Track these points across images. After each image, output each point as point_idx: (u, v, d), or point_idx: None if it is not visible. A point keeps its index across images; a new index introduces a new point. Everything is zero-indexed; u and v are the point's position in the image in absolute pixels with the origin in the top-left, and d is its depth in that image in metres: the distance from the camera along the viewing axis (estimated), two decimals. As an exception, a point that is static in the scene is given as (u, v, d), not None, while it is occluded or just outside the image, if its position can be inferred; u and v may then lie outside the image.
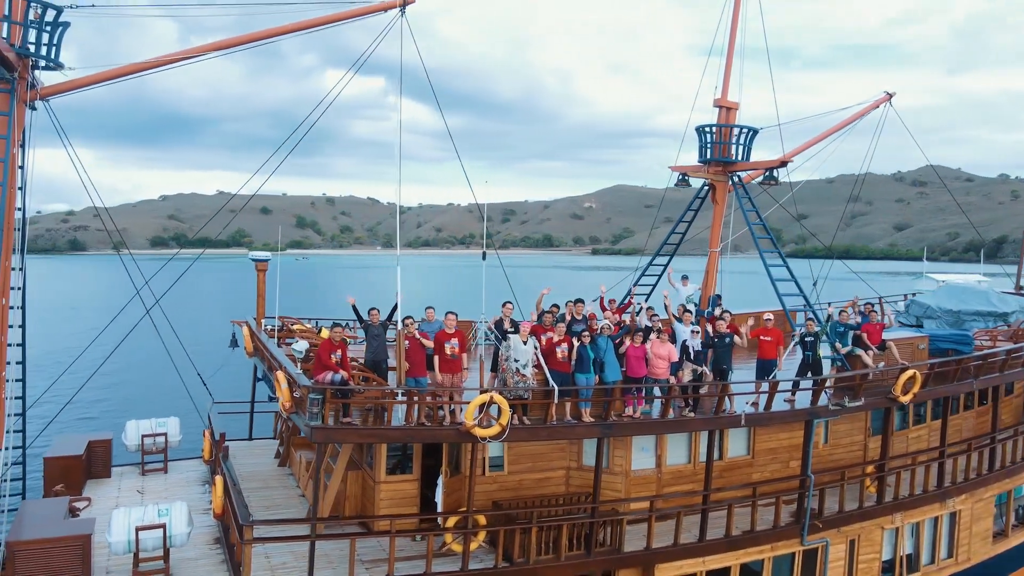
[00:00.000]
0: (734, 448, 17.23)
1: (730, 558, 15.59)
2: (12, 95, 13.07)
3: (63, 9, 13.34)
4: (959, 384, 18.87)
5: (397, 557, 13.15)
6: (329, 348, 12.53)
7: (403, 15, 16.10)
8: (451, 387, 13.08)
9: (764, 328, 16.31)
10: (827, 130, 21.71)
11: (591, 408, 14.30)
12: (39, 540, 11.63)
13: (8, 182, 13.08)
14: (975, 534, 19.49)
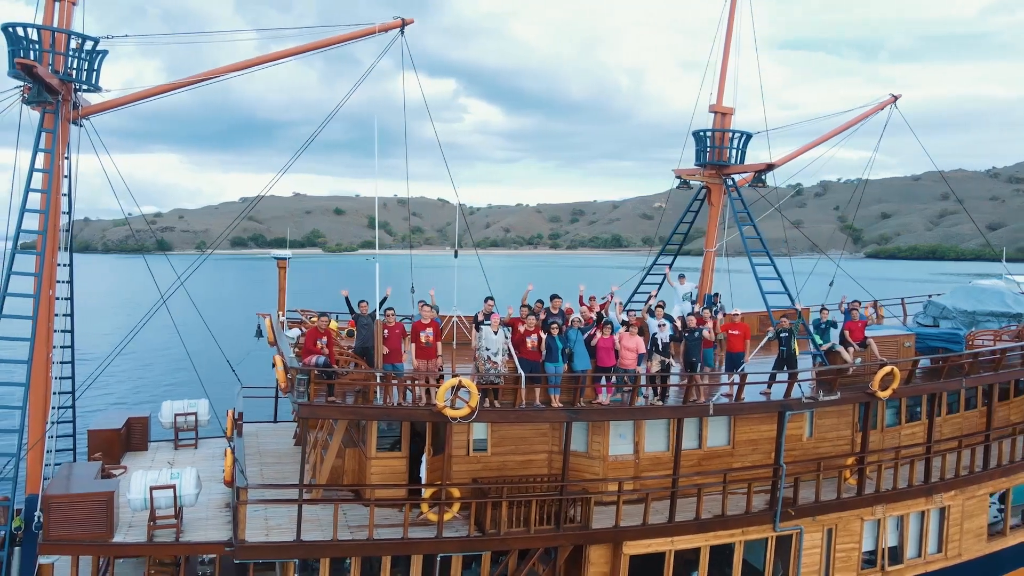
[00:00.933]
0: (714, 438, 18.08)
1: (699, 539, 16.53)
2: (56, 115, 15.18)
3: (99, 40, 15.40)
4: (946, 382, 19.25)
5: (382, 524, 14.72)
6: (315, 335, 14.18)
7: (403, 35, 17.65)
8: (426, 371, 14.54)
9: (732, 323, 17.18)
10: (825, 134, 22.23)
11: (561, 395, 15.53)
12: (70, 495, 13.65)
13: (53, 189, 15.19)
14: (967, 531, 19.75)
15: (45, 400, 15.61)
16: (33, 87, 14.45)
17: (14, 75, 14.51)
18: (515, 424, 16.48)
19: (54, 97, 14.88)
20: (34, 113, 15.26)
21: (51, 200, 15.08)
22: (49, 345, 15.77)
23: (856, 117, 22.88)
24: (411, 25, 17.60)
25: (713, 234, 22.29)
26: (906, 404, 20.20)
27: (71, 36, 15.05)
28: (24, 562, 15.36)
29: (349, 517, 15.38)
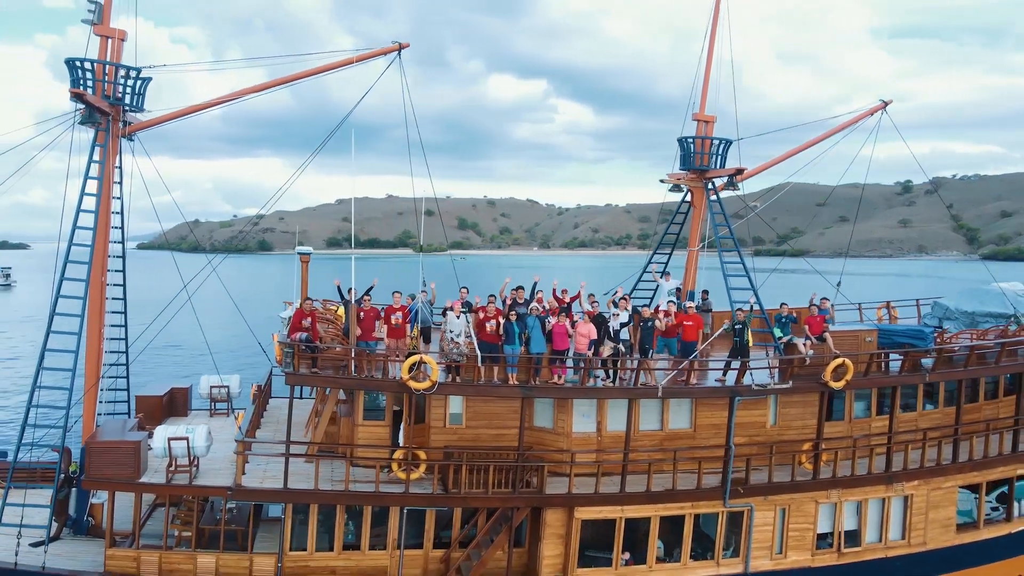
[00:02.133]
0: (676, 421, 19.67)
1: (649, 510, 18.23)
2: (107, 132, 18.43)
3: (141, 69, 18.56)
4: (905, 376, 20.18)
5: (362, 480, 17.23)
6: (301, 315, 16.81)
7: (399, 57, 20.15)
8: (396, 349, 16.95)
9: (685, 315, 18.79)
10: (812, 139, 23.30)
11: (518, 373, 17.61)
12: (106, 442, 16.76)
13: (103, 193, 18.43)
14: (932, 520, 20.55)
15: (96, 369, 18.92)
16: (86, 110, 17.71)
17: (73, 100, 17.79)
18: (489, 401, 18.63)
19: (104, 118, 18.10)
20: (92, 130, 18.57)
21: (101, 201, 18.28)
22: (101, 323, 19.06)
23: (845, 122, 23.82)
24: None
25: (696, 234, 23.79)
26: (877, 397, 21.15)
27: (118, 67, 18.24)
28: (79, 501, 18.70)
29: (338, 474, 17.94)
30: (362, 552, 17.62)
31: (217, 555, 17.11)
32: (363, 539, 17.65)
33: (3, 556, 16.51)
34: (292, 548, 17.34)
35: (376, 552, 17.64)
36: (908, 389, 21.46)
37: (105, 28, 18.16)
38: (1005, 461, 21.32)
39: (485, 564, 17.61)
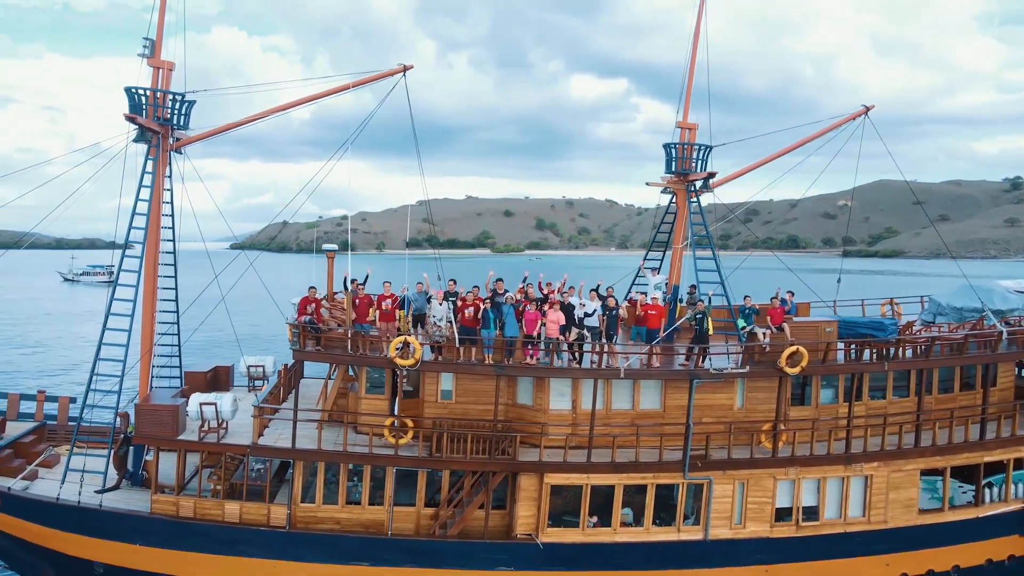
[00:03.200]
0: (646, 402, 21.73)
1: (613, 478, 20.40)
2: (158, 147, 21.96)
3: (185, 94, 22.02)
4: (865, 363, 21.67)
5: (359, 444, 20.11)
6: (306, 302, 19.83)
7: (404, 77, 22.97)
8: (386, 331, 19.75)
9: (650, 304, 20.87)
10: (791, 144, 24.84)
11: (493, 354, 20.11)
12: (149, 405, 20.21)
13: (154, 198, 21.95)
14: (893, 501, 21.90)
15: (149, 347, 22.51)
16: (138, 130, 21.27)
17: (128, 121, 21.37)
18: (477, 380, 21.15)
19: (154, 136, 21.64)
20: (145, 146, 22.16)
21: (150, 212, 21.80)
22: (152, 310, 22.65)
23: (826, 128, 25.26)
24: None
25: (680, 233, 25.72)
26: (843, 384, 22.61)
27: (167, 94, 21.74)
28: (135, 457, 22.27)
29: (342, 439, 20.83)
30: (362, 507, 20.48)
31: (241, 504, 20.29)
32: (363, 495, 20.53)
33: (69, 497, 20.15)
34: (303, 500, 20.38)
35: (374, 507, 20.47)
36: (878, 378, 22.87)
37: (156, 61, 21.69)
38: (970, 448, 22.43)
39: (466, 520, 20.19)
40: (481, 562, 20.09)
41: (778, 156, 25.37)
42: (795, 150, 26.19)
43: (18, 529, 20.40)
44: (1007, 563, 23.01)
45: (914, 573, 22.07)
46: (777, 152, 25.43)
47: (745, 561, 21.07)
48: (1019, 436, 22.89)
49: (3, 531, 20.64)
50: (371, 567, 19.84)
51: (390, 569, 19.90)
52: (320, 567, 19.77)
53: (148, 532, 19.91)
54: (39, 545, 20.49)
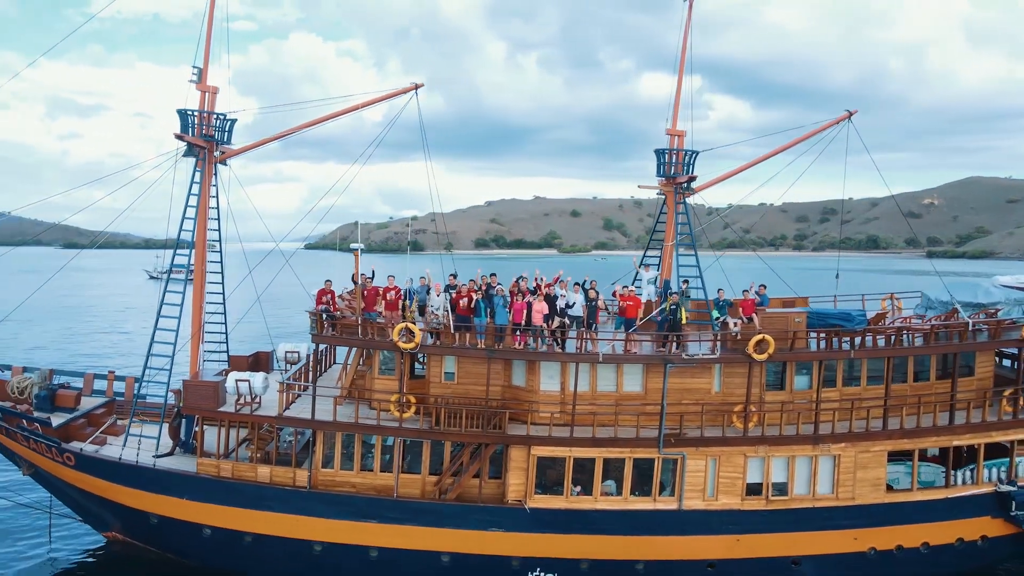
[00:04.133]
0: (629, 385, 23.96)
1: (594, 452, 22.75)
2: (205, 160, 25.46)
3: (227, 114, 25.46)
4: (831, 351, 23.39)
5: (366, 418, 23.06)
6: (322, 293, 22.90)
7: (416, 95, 25.84)
8: (390, 318, 22.65)
9: (626, 296, 23.13)
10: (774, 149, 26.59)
11: (485, 339, 22.75)
12: (195, 382, 23.66)
13: (201, 204, 25.46)
14: (861, 479, 23.49)
15: (197, 333, 26.07)
16: (187, 146, 24.81)
17: (178, 139, 24.92)
18: (477, 363, 23.82)
19: (200, 151, 25.15)
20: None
21: (197, 219, 25.32)
22: (201, 300, 26.18)
23: (808, 133, 26.90)
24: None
25: (670, 232, 27.78)
26: (818, 371, 24.28)
27: (212, 114, 25.22)
28: (187, 428, 25.81)
29: (363, 415, 23.80)
30: (375, 473, 23.43)
31: (271, 468, 23.52)
32: (375, 463, 23.48)
33: (130, 458, 23.80)
34: (323, 466, 23.47)
35: (385, 473, 23.39)
36: (853, 366, 24.49)
37: (203, 86, 25.18)
38: (938, 432, 23.82)
39: (463, 485, 22.89)
40: (475, 523, 22.75)
41: (759, 162, 27.22)
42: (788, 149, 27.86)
43: (88, 484, 24.19)
44: (980, 543, 24.26)
45: (882, 547, 23.61)
46: (756, 159, 27.22)
47: (717, 530, 23.08)
48: (989, 422, 24.12)
49: (77, 486, 24.49)
50: (379, 524, 22.74)
51: (395, 526, 22.76)
52: (334, 522, 22.80)
53: (194, 489, 23.35)
54: (105, 498, 24.24)
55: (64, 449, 23.89)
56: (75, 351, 65.15)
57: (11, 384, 25.56)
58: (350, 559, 22.93)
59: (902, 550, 23.71)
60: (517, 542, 22.76)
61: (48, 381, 26.30)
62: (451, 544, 22.80)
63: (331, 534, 22.88)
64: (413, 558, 22.85)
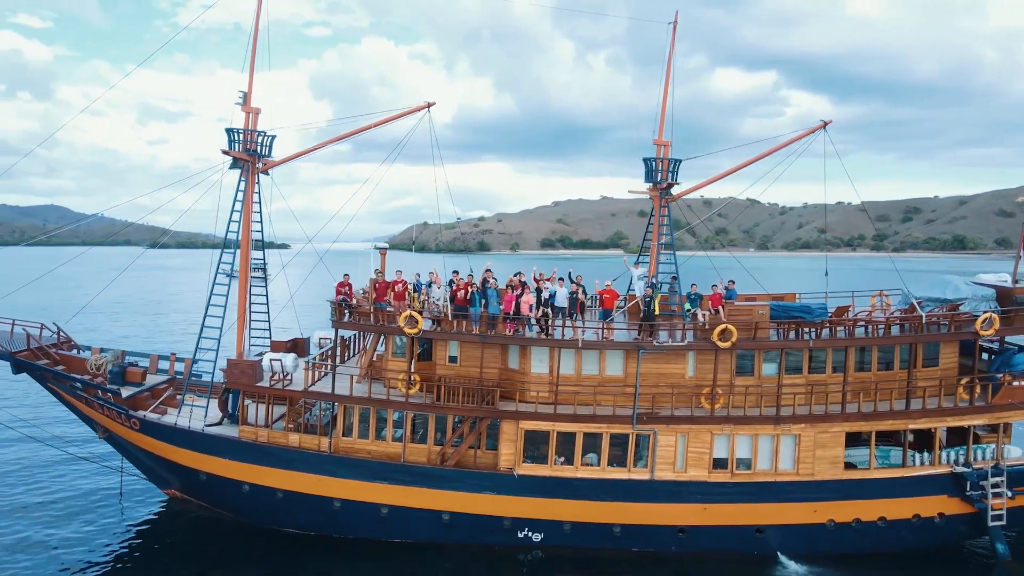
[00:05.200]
0: (611, 368, 26.89)
1: (574, 427, 25.79)
2: (248, 171, 29.65)
3: (267, 132, 29.57)
4: (789, 341, 25.82)
5: (377, 394, 26.73)
6: (340, 286, 26.67)
7: (429, 112, 29.36)
8: (398, 307, 26.24)
9: (604, 289, 26.10)
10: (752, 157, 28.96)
11: (480, 327, 26.09)
12: (237, 361, 27.82)
13: (245, 208, 29.65)
14: (820, 457, 25.82)
15: (242, 320, 30.29)
16: (232, 160, 29.03)
17: (224, 153, 29.17)
18: (477, 348, 27.19)
19: (244, 164, 29.34)
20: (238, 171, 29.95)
21: (243, 217, 29.52)
22: (245, 291, 30.39)
23: (783, 142, 29.22)
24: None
25: (656, 232, 30.51)
26: (784, 359, 26.67)
27: (255, 132, 29.37)
28: (233, 401, 30.00)
29: (376, 391, 27.49)
30: (387, 441, 27.07)
31: (300, 436, 27.45)
32: (388, 433, 27.11)
33: (184, 424, 28.15)
34: (343, 435, 27.26)
35: (395, 442, 27.01)
36: (819, 356, 26.80)
37: (247, 107, 29.35)
38: (894, 416, 25.93)
39: (461, 453, 26.29)
40: (471, 486, 26.10)
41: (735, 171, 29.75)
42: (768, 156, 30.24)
43: (150, 445, 28.67)
44: (937, 520, 26.21)
45: (840, 520, 25.87)
46: (734, 167, 29.74)
47: (686, 499, 25.79)
48: (945, 408, 26.06)
49: (141, 447, 29.01)
50: (388, 484, 26.36)
51: (403, 488, 26.33)
52: (351, 482, 26.53)
53: (235, 451, 27.49)
54: (163, 457, 28.67)
55: (131, 415, 28.43)
56: (152, 338, 71.64)
57: (90, 362, 30.29)
58: (364, 514, 26.63)
59: (860, 523, 25.91)
60: (507, 504, 26.02)
61: (120, 360, 30.94)
62: (450, 504, 26.23)
63: (348, 492, 26.62)
64: (418, 515, 26.38)
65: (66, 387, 29.51)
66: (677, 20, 29.85)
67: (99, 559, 25.40)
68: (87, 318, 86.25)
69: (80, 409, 29.93)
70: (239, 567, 25.52)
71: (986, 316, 25.60)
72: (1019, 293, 27.09)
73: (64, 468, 33.52)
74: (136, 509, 29.93)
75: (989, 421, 26.33)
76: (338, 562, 25.75)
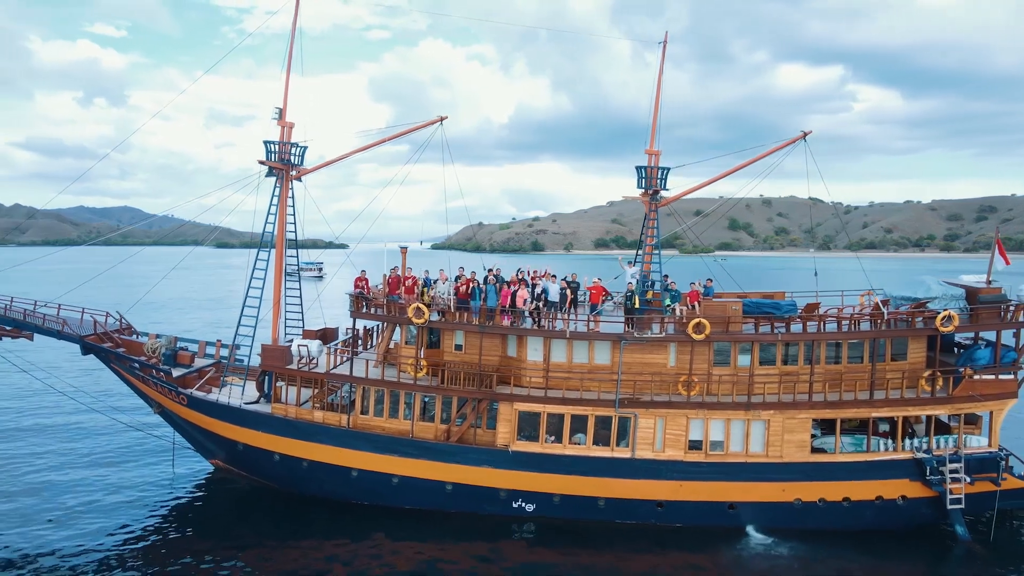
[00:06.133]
0: (599, 357, 29.71)
1: (563, 409, 28.71)
2: (282, 179, 33.47)
3: (299, 143, 33.34)
4: (761, 334, 28.20)
5: (389, 377, 30.17)
6: (358, 280, 30.19)
7: (441, 126, 32.66)
8: (407, 300, 29.61)
9: (591, 286, 28.95)
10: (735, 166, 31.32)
11: (479, 318, 29.26)
12: (270, 346, 31.65)
13: (280, 212, 33.48)
14: (788, 441, 28.15)
15: (276, 311, 34.16)
16: (268, 169, 32.89)
17: (261, 163, 33.05)
18: (477, 337, 30.36)
19: (279, 172, 33.17)
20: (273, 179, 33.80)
21: (278, 219, 33.36)
22: (279, 285, 34.25)
23: (766, 152, 31.46)
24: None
25: (650, 235, 33.14)
26: (758, 352, 29.04)
27: (289, 144, 33.16)
28: (269, 383, 33.86)
29: (389, 374, 30.94)
30: (398, 419, 30.49)
31: (324, 413, 31.09)
32: (399, 412, 30.52)
33: (225, 401, 32.13)
34: (360, 413, 30.78)
35: (405, 420, 30.42)
36: (792, 349, 29.10)
37: (283, 122, 33.18)
38: (858, 405, 28.06)
39: (463, 431, 29.53)
40: (471, 460, 29.28)
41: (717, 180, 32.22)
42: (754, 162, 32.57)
43: (196, 419, 32.78)
44: (899, 502, 28.22)
45: (806, 499, 28.14)
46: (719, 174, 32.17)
47: (664, 476, 28.44)
48: (907, 398, 28.05)
49: (189, 420, 33.15)
50: (400, 457, 29.77)
51: (412, 460, 29.69)
52: (367, 454, 30.02)
53: (268, 424, 31.31)
54: (207, 429, 32.74)
55: (180, 392, 32.57)
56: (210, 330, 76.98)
57: (146, 346, 34.61)
58: (378, 483, 30.11)
59: (825, 502, 28.13)
60: (503, 477, 29.11)
61: (172, 345, 35.18)
62: (453, 476, 29.46)
63: (364, 463, 30.12)
64: (424, 485, 29.71)
65: (126, 367, 33.86)
66: (667, 40, 32.39)
67: (151, 519, 29.49)
68: (157, 311, 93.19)
69: (137, 386, 34.27)
70: (266, 524, 29.25)
71: (945, 314, 27.50)
72: (985, 293, 28.81)
73: (120, 438, 38.21)
74: (185, 476, 34.09)
75: (949, 412, 28.20)
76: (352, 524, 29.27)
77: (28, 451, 36.71)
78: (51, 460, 35.41)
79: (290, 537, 27.55)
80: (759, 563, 26.04)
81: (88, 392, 43.86)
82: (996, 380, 27.93)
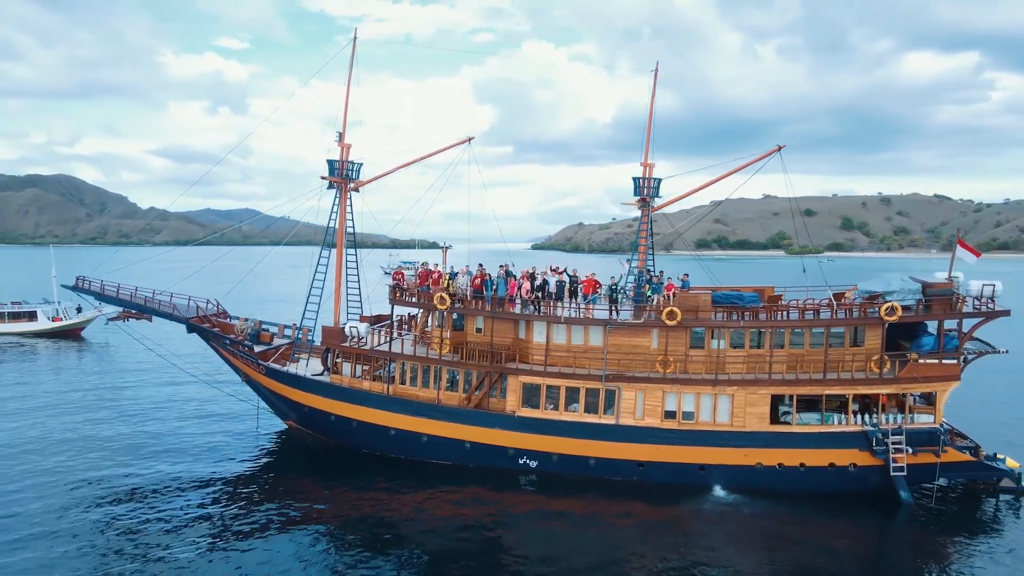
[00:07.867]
0: (592, 340, 35.13)
1: (559, 382, 34.32)
2: (341, 191, 40.67)
3: (355, 161, 40.42)
4: (727, 321, 32.82)
5: (421, 354, 36.65)
6: (396, 274, 36.82)
7: (470, 145, 38.90)
8: (434, 290, 36.00)
9: (585, 279, 34.42)
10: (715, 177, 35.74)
11: (490, 305, 35.27)
12: (329, 328, 38.83)
13: (340, 219, 40.68)
14: (750, 414, 32.63)
15: (337, 300, 41.40)
16: (329, 183, 40.17)
17: (323, 179, 40.35)
18: (497, 322, 36.40)
19: (338, 184, 40.38)
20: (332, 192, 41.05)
21: (339, 225, 40.58)
22: (339, 279, 41.47)
23: (742, 164, 35.79)
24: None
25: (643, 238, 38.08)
26: (730, 337, 33.61)
27: (347, 162, 40.32)
28: (328, 358, 41.16)
29: (422, 352, 37.43)
30: (429, 389, 36.97)
31: (370, 383, 38.00)
32: (430, 383, 36.98)
33: (294, 372, 39.61)
34: (399, 383, 37.45)
35: (434, 389, 36.84)
36: (760, 335, 33.54)
37: (342, 143, 40.40)
38: (812, 383, 32.20)
39: (479, 399, 35.67)
40: (486, 423, 35.32)
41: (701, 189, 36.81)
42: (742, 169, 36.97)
43: (272, 385, 40.47)
44: (851, 469, 32.14)
45: (767, 463, 32.52)
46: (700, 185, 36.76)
47: (643, 440, 33.52)
48: (856, 379, 31.94)
49: (267, 387, 40.90)
50: (429, 419, 36.22)
51: (438, 422, 36.06)
52: (403, 416, 36.63)
53: (327, 391, 38.51)
54: (281, 394, 40.37)
55: (261, 365, 40.36)
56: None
57: (236, 327, 42.72)
58: (410, 440, 36.68)
59: (783, 467, 32.42)
60: (511, 438, 35.02)
61: (257, 327, 43.16)
62: (471, 436, 35.61)
63: (401, 424, 36.77)
64: (448, 443, 36.02)
65: (220, 343, 42.04)
66: (658, 69, 37.29)
67: (240, 465, 37.24)
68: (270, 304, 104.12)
69: (229, 360, 42.42)
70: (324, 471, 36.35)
71: (888, 305, 31.24)
72: (936, 287, 32.25)
73: (216, 401, 46.80)
74: (266, 434, 41.90)
75: (894, 391, 31.86)
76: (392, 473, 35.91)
77: (150, 405, 45.97)
78: (166, 414, 44.34)
79: (344, 481, 34.44)
80: (725, 516, 30.64)
81: (195, 364, 53.01)
82: (939, 364, 31.37)
